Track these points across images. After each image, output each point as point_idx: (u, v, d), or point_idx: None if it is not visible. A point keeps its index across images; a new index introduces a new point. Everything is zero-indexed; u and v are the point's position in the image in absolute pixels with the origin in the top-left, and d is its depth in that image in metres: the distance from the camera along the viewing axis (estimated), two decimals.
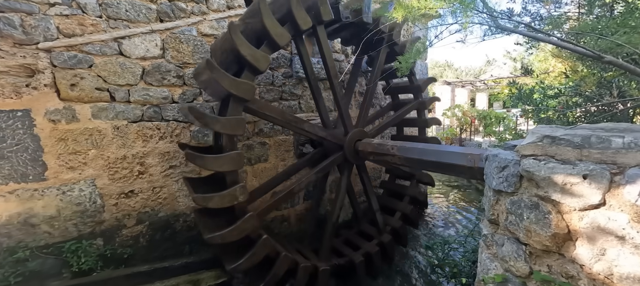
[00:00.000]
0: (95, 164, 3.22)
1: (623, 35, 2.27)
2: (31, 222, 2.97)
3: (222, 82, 2.53)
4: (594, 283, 1.33)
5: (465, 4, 2.38)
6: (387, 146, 3.23)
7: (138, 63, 3.34)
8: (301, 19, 2.93)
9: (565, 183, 1.34)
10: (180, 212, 3.73)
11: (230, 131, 2.66)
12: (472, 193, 8.04)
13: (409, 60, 3.14)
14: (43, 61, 2.89)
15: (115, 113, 3.27)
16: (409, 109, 4.47)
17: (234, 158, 2.66)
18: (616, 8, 3.27)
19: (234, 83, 2.61)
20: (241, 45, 2.57)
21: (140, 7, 3.28)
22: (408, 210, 4.37)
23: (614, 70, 3.30)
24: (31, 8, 2.80)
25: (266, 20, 2.67)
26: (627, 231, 1.20)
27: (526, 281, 1.58)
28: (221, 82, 2.52)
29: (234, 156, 2.66)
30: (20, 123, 2.86)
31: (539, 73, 5.09)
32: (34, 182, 2.96)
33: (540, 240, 1.46)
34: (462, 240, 4.38)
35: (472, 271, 3.61)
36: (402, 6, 2.64)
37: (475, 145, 9.44)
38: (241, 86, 2.65)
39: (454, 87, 17.55)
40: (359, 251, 3.99)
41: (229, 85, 2.57)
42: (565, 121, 3.76)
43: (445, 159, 2.55)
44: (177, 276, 3.38)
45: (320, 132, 3.57)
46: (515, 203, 1.56)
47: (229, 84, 2.57)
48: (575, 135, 1.39)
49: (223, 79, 2.53)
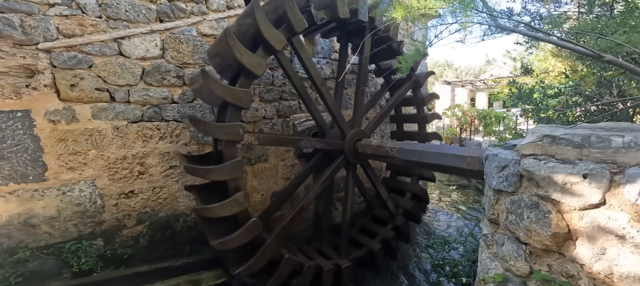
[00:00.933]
0: (95, 164, 3.22)
1: (623, 34, 2.27)
2: (31, 223, 2.97)
3: (216, 90, 2.51)
4: (594, 282, 1.33)
5: (464, 4, 2.38)
6: (386, 148, 3.23)
7: (138, 63, 3.34)
8: (273, 39, 2.77)
9: (565, 182, 1.34)
10: (180, 212, 3.73)
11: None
12: (472, 192, 8.04)
13: (409, 60, 3.14)
14: (43, 61, 2.89)
15: (115, 114, 3.27)
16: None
17: (234, 167, 2.67)
18: (616, 7, 3.27)
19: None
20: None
21: (139, 7, 3.28)
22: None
23: (613, 70, 3.30)
24: (31, 8, 2.80)
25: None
26: (627, 230, 1.20)
27: (526, 280, 1.58)
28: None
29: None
30: (20, 123, 2.86)
31: (538, 72, 5.10)
32: (34, 183, 2.95)
33: (540, 239, 1.46)
34: (462, 240, 4.38)
35: (472, 270, 3.61)
36: (401, 6, 2.64)
37: (475, 145, 9.44)
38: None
39: (454, 87, 17.55)
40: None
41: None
42: (565, 120, 3.76)
43: (444, 162, 2.57)
44: (178, 276, 3.39)
45: (317, 144, 3.67)
46: (515, 203, 1.57)
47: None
48: (575, 134, 1.39)
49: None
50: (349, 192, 3.91)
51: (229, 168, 2.65)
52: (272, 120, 4.31)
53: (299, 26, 2.89)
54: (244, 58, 2.59)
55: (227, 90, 2.60)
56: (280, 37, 2.82)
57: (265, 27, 2.70)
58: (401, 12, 2.63)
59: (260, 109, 4.18)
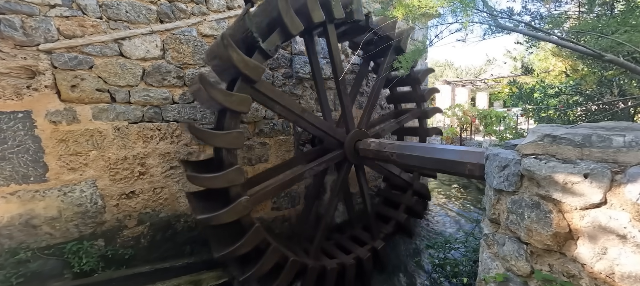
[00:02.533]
0: (96, 165, 3.22)
1: (623, 33, 2.27)
2: (32, 223, 2.97)
3: (215, 96, 2.50)
4: (596, 282, 1.32)
5: (465, 3, 2.38)
6: (385, 151, 3.24)
7: (138, 64, 3.35)
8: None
9: (566, 182, 1.34)
10: (181, 212, 3.74)
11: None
12: (473, 192, 8.03)
13: (409, 60, 3.13)
14: (44, 62, 2.90)
15: (115, 114, 3.27)
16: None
17: (234, 174, 2.67)
18: (616, 6, 3.27)
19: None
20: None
21: (140, 8, 3.28)
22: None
23: (614, 69, 3.29)
24: (32, 10, 2.80)
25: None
26: (628, 230, 1.20)
27: (527, 280, 1.58)
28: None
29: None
30: (21, 124, 2.87)
31: (539, 72, 5.08)
32: (35, 183, 2.96)
33: (541, 239, 1.46)
34: (463, 239, 4.39)
35: (473, 270, 3.61)
36: (402, 5, 2.64)
37: (476, 145, 9.43)
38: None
39: (454, 87, 17.55)
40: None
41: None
42: (565, 120, 3.76)
43: (443, 167, 2.59)
44: (178, 276, 3.39)
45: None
46: (516, 203, 1.56)
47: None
48: (576, 134, 1.39)
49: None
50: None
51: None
52: (272, 120, 4.31)
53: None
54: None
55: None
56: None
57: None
58: (402, 11, 2.63)
59: (261, 109, 4.18)
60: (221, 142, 2.63)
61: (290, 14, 2.76)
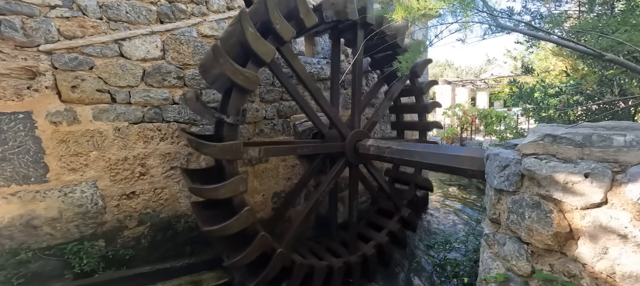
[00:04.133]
0: (97, 166, 3.22)
1: (624, 33, 2.27)
2: (33, 224, 2.98)
3: (225, 66, 2.49)
4: (597, 282, 1.32)
5: (465, 4, 2.37)
6: (385, 154, 3.24)
7: (138, 64, 3.35)
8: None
9: (566, 181, 1.34)
10: (181, 212, 3.74)
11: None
12: (473, 192, 8.03)
13: (409, 59, 3.13)
14: (44, 63, 2.90)
15: (116, 115, 3.27)
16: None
17: (236, 184, 2.66)
18: (617, 6, 3.26)
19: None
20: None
21: (140, 8, 3.29)
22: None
23: (614, 69, 3.29)
24: (32, 10, 2.80)
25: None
26: (629, 229, 1.19)
27: (528, 280, 1.58)
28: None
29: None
30: (22, 125, 2.87)
31: (539, 71, 5.08)
32: (36, 184, 2.96)
33: (542, 239, 1.46)
34: (463, 239, 4.38)
35: (473, 270, 3.61)
36: (402, 7, 2.63)
37: (476, 145, 9.42)
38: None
39: (455, 86, 17.55)
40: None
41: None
42: (566, 120, 3.75)
43: (443, 170, 2.60)
44: (179, 277, 3.40)
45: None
46: (516, 202, 1.56)
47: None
48: (576, 133, 1.38)
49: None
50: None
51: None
52: (272, 121, 4.31)
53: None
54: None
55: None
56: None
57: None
58: (401, 13, 2.63)
59: (261, 110, 4.18)
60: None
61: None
